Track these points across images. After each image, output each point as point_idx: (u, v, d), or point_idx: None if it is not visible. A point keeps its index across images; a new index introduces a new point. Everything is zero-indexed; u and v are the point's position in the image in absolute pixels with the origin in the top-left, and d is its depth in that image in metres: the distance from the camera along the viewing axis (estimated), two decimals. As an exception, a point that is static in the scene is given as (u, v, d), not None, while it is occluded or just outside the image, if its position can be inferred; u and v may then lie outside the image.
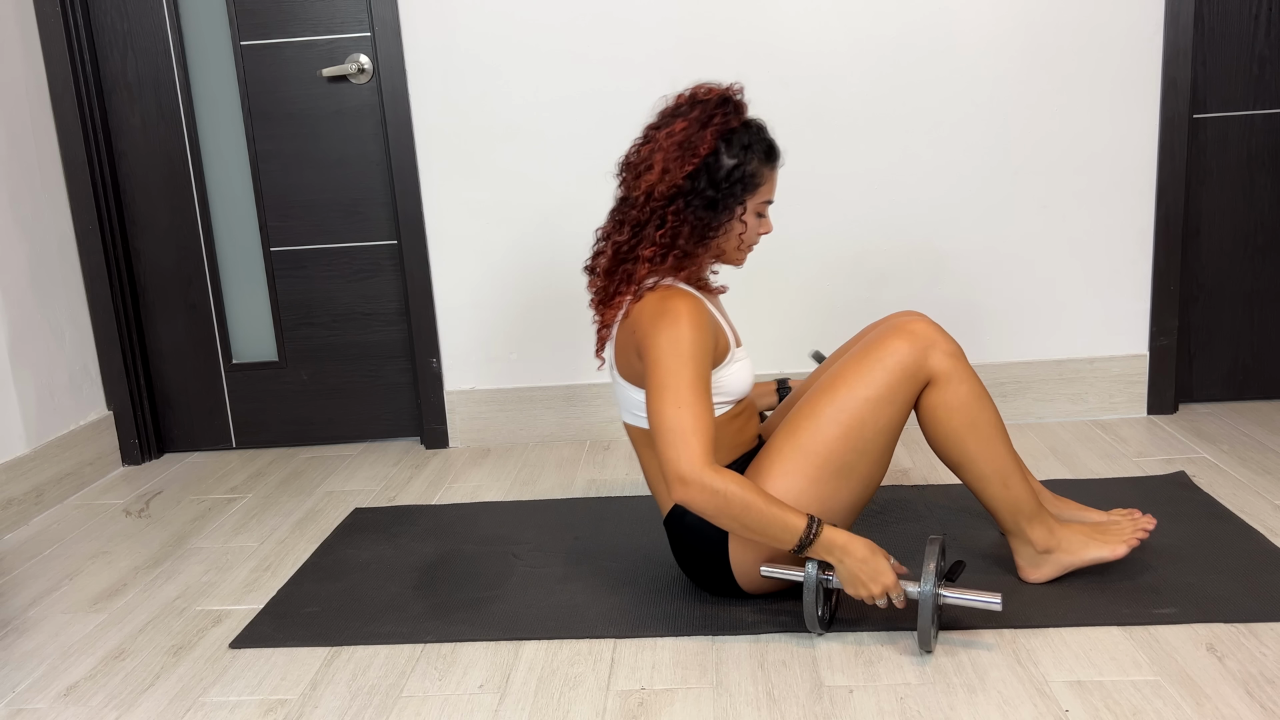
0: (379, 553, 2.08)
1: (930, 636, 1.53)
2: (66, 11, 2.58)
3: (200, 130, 2.71)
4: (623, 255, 1.66)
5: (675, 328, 1.55)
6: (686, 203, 1.60)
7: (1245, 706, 1.39)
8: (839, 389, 1.62)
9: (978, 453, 1.66)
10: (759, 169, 1.62)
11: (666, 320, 1.56)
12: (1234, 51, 2.50)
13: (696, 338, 1.55)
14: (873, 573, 1.54)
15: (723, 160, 1.60)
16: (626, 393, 1.70)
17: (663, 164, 1.60)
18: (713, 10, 2.49)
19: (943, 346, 1.63)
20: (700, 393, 1.53)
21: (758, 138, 1.63)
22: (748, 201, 1.64)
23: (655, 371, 1.55)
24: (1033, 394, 2.63)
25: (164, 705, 1.58)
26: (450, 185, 2.63)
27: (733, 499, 1.49)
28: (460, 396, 2.74)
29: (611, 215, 1.71)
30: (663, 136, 1.61)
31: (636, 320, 1.61)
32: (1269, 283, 2.61)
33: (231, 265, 2.79)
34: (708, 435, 1.52)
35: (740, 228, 1.65)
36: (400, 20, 2.54)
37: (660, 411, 1.52)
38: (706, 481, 1.49)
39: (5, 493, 2.36)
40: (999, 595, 1.53)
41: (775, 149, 1.66)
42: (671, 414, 1.51)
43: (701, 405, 1.52)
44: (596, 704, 1.50)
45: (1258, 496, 2.07)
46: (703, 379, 1.55)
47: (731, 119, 1.62)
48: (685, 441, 1.50)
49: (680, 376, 1.53)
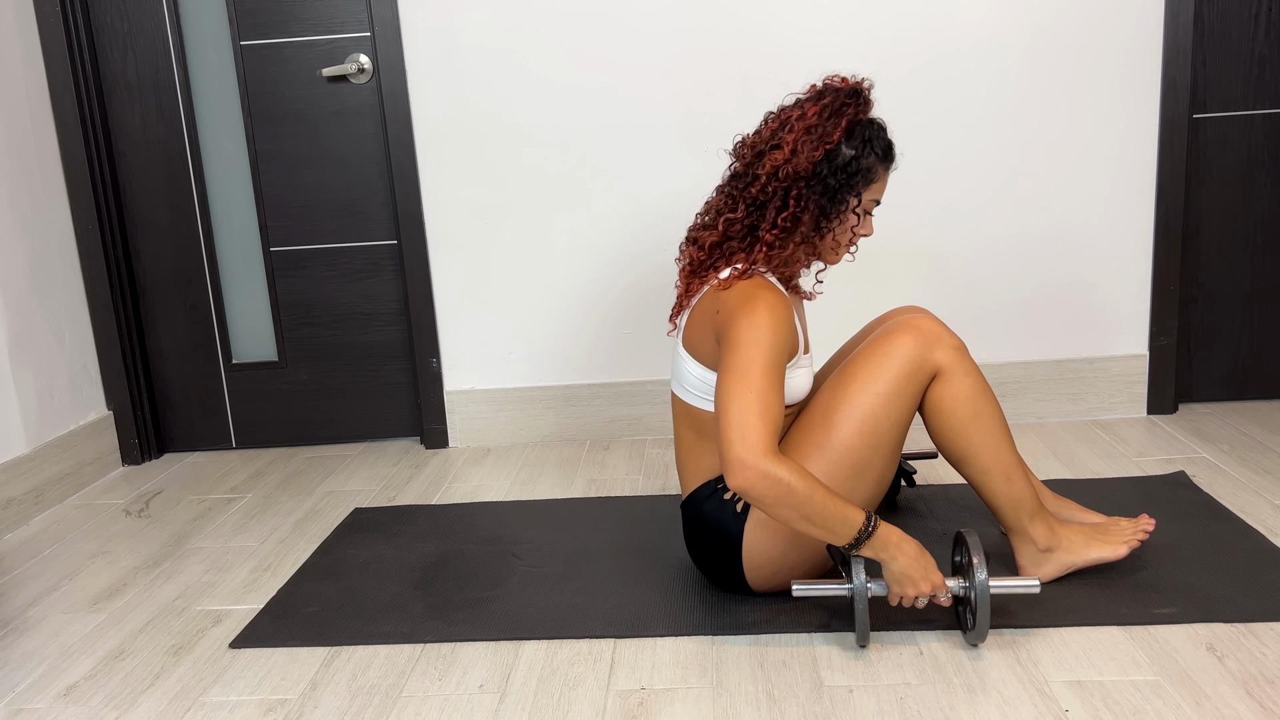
0: (379, 553, 2.08)
1: (987, 631, 1.52)
2: (66, 11, 2.58)
3: (200, 130, 2.71)
4: (733, 233, 1.65)
5: (761, 316, 1.55)
6: (809, 186, 1.60)
7: (1245, 706, 1.39)
8: (850, 386, 1.63)
9: (981, 445, 1.66)
10: (875, 165, 1.62)
11: (754, 307, 1.56)
12: (1234, 51, 2.50)
13: (779, 330, 1.55)
14: (924, 570, 1.54)
15: (844, 150, 1.60)
16: (687, 366, 1.69)
17: (792, 145, 1.59)
18: (714, 11, 2.49)
19: (947, 341, 1.65)
20: (774, 382, 1.52)
21: (878, 134, 1.63)
22: (862, 195, 1.63)
23: (733, 353, 1.54)
24: (1033, 394, 2.63)
25: (164, 705, 1.58)
26: (450, 185, 2.63)
27: (796, 490, 1.47)
28: (460, 396, 2.74)
29: (722, 191, 1.69)
30: (795, 118, 1.61)
31: (724, 302, 1.61)
32: (1269, 283, 2.61)
33: (231, 265, 2.79)
34: (775, 424, 1.50)
35: (852, 220, 1.64)
36: (400, 20, 2.54)
37: (730, 391, 1.51)
38: (769, 469, 1.47)
39: (5, 493, 2.36)
40: (1037, 578, 1.54)
41: (893, 150, 1.65)
42: (742, 396, 1.50)
43: (774, 394, 1.51)
44: (596, 704, 1.50)
45: (1258, 496, 2.07)
46: (778, 370, 1.54)
47: (861, 112, 1.62)
48: (752, 426, 1.48)
49: (757, 363, 1.52)
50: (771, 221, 1.62)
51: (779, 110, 1.66)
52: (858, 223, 1.65)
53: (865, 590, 1.53)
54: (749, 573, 1.69)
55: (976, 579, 1.50)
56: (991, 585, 1.55)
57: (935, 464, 2.37)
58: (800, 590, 1.59)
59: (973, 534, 1.56)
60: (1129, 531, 1.75)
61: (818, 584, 1.59)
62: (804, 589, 1.59)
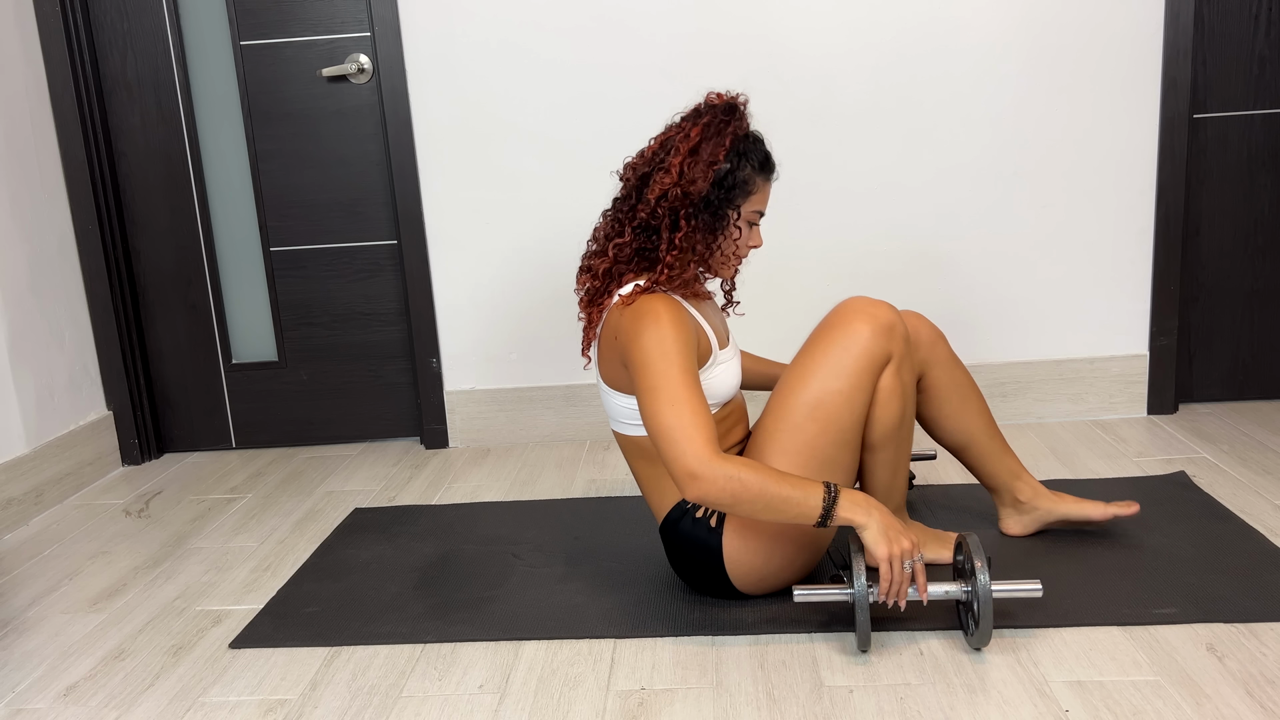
0: (379, 553, 2.08)
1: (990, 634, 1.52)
2: (66, 11, 2.58)
3: (200, 130, 2.71)
4: (622, 257, 1.66)
5: (656, 327, 1.55)
6: (695, 206, 1.61)
7: (1245, 706, 1.39)
8: (810, 383, 1.63)
9: (899, 435, 1.71)
10: (752, 177, 1.63)
11: (646, 321, 1.56)
12: (1234, 51, 2.50)
13: (678, 335, 1.56)
14: (898, 542, 1.49)
15: (723, 166, 1.61)
16: (613, 400, 1.71)
17: (679, 167, 1.60)
18: (714, 12, 2.49)
19: (900, 330, 1.67)
20: (692, 387, 1.53)
21: (754, 147, 1.64)
22: (741, 207, 1.64)
23: (644, 374, 1.55)
24: (1033, 394, 2.63)
25: (164, 705, 1.58)
26: (450, 185, 2.63)
27: (750, 483, 1.47)
28: (460, 396, 2.74)
29: (610, 217, 1.70)
30: (678, 140, 1.63)
31: (618, 327, 1.62)
32: (1269, 283, 2.61)
33: (231, 265, 2.79)
34: (709, 427, 1.51)
35: (736, 234, 1.66)
36: (400, 20, 2.54)
37: (656, 414, 1.52)
38: (718, 471, 1.47)
39: (5, 493, 2.36)
40: (1038, 581, 1.54)
41: (771, 161, 1.67)
42: (668, 413, 1.51)
43: (697, 400, 1.52)
44: (596, 704, 1.50)
45: (1258, 496, 2.07)
46: (692, 373, 1.55)
47: (739, 127, 1.63)
48: (688, 437, 1.49)
49: (669, 375, 1.53)
50: (669, 243, 1.62)
51: (663, 131, 1.67)
52: (740, 236, 1.66)
53: (867, 595, 1.53)
54: (737, 582, 1.70)
55: (979, 582, 1.50)
56: (994, 589, 1.55)
57: (935, 465, 2.37)
58: (801, 596, 1.59)
59: (973, 537, 1.56)
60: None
61: (819, 589, 1.59)
62: (805, 594, 1.59)
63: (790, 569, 1.69)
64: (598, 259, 1.70)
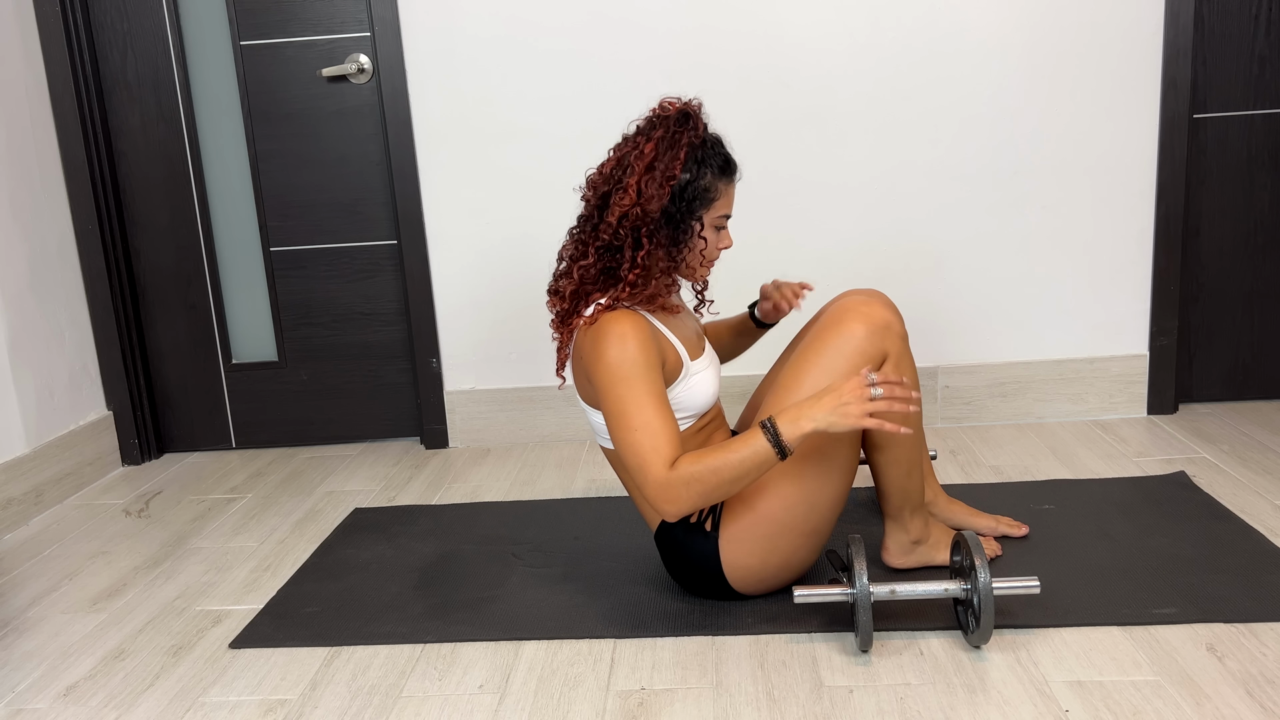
0: (379, 553, 2.08)
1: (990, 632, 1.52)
2: (66, 11, 2.58)
3: (200, 130, 2.71)
4: (588, 279, 1.64)
5: (620, 346, 1.55)
6: (656, 223, 1.59)
7: (1245, 706, 1.39)
8: (805, 383, 1.62)
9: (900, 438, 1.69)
10: (714, 183, 1.61)
11: (606, 343, 1.56)
12: (1234, 51, 2.50)
13: (639, 354, 1.55)
14: (850, 396, 1.47)
15: (681, 176, 1.59)
16: (593, 417, 1.71)
17: (636, 186, 1.58)
18: (714, 11, 2.49)
19: (896, 329, 1.65)
20: (651, 406, 1.54)
21: (713, 152, 1.61)
22: (704, 216, 1.62)
23: (606, 399, 1.56)
24: (1033, 394, 2.63)
25: (164, 705, 1.58)
26: (450, 185, 2.63)
27: (705, 476, 1.50)
28: (460, 396, 2.74)
29: (574, 236, 1.69)
30: (633, 158, 1.60)
31: (580, 349, 1.62)
32: (1269, 283, 2.61)
33: (231, 265, 2.79)
34: (668, 446, 1.52)
35: (700, 244, 1.64)
36: (400, 20, 2.54)
37: (621, 440, 1.55)
38: (675, 484, 1.50)
39: (5, 493, 2.36)
40: (1036, 578, 1.54)
41: (732, 163, 1.64)
42: (629, 440, 1.53)
43: (657, 419, 1.53)
44: (596, 704, 1.50)
45: (1258, 496, 2.07)
46: (653, 393, 1.55)
47: (693, 136, 1.60)
48: (650, 461, 1.52)
49: (627, 400, 1.54)
50: (631, 261, 1.60)
51: (619, 144, 1.65)
52: (706, 245, 1.64)
53: (868, 596, 1.53)
54: (735, 584, 1.70)
55: (980, 580, 1.50)
56: (994, 586, 1.55)
57: (935, 465, 2.37)
58: (801, 597, 1.59)
59: (972, 535, 1.56)
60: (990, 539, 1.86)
61: (819, 590, 1.59)
62: (805, 595, 1.59)
63: (788, 568, 1.69)
64: (564, 280, 1.69)
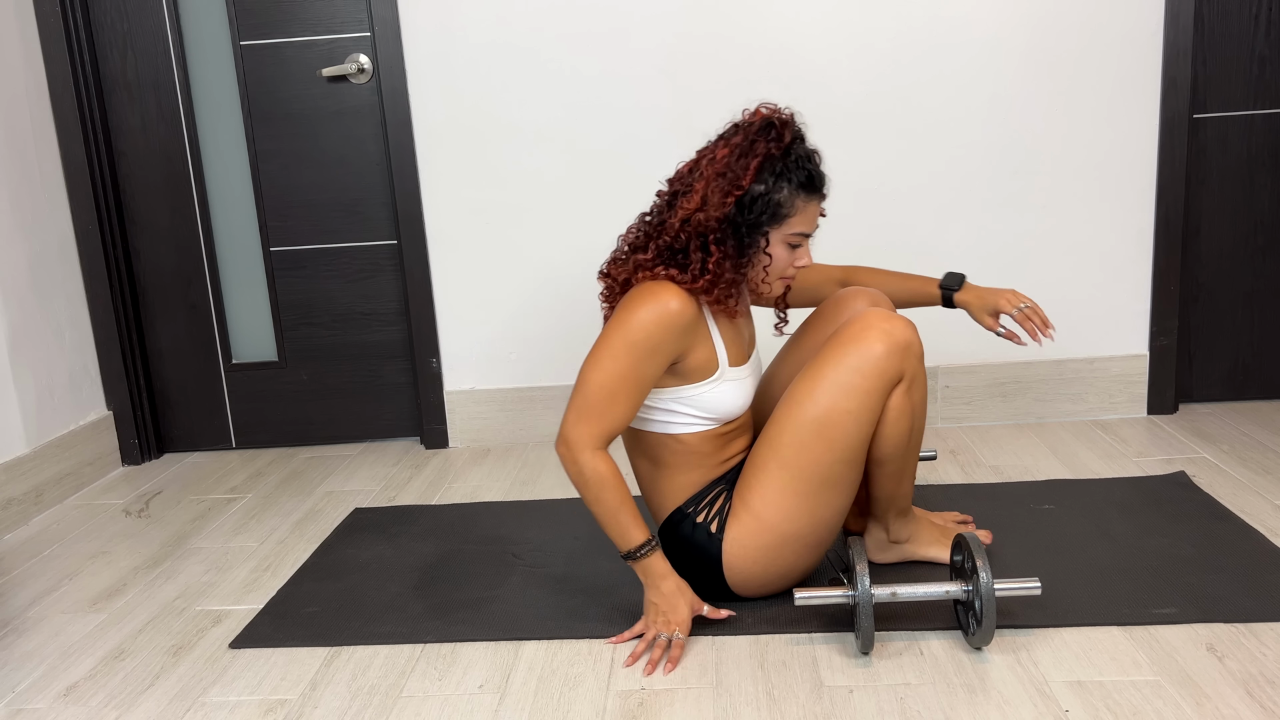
0: (379, 553, 2.08)
1: (992, 633, 1.52)
2: (66, 11, 2.58)
3: (200, 130, 2.71)
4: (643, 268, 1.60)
5: (643, 311, 1.54)
6: (723, 234, 1.55)
7: (1245, 706, 1.39)
8: (819, 399, 1.59)
9: (896, 447, 1.67)
10: (790, 199, 1.55)
11: (641, 303, 1.54)
12: (1234, 51, 2.50)
13: (655, 335, 1.54)
14: (670, 609, 1.60)
15: (753, 189, 1.54)
16: None
17: (703, 191, 1.55)
18: (714, 13, 2.49)
19: (915, 350, 1.62)
20: (629, 387, 1.54)
21: (796, 166, 1.55)
22: (772, 232, 1.57)
23: (604, 337, 1.56)
24: (1033, 394, 2.63)
25: (164, 705, 1.58)
26: (450, 185, 2.63)
27: (590, 484, 1.56)
28: (460, 396, 2.74)
29: (639, 228, 1.65)
30: (705, 163, 1.57)
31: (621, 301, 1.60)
32: (1269, 283, 2.61)
33: (231, 265, 2.79)
34: (611, 426, 1.56)
35: (764, 259, 1.59)
36: (400, 20, 2.54)
37: (586, 376, 1.55)
38: (580, 457, 1.55)
39: (5, 493, 2.36)
40: (1037, 579, 1.54)
41: (816, 180, 1.56)
42: (594, 383, 1.55)
43: (625, 399, 1.55)
44: (596, 704, 1.50)
45: (1258, 496, 2.07)
46: (639, 377, 1.55)
47: (774, 147, 1.54)
48: (588, 417, 1.55)
49: (619, 361, 1.54)
50: (701, 266, 1.56)
51: (702, 147, 1.62)
52: (772, 261, 1.59)
53: (870, 598, 1.52)
54: (735, 587, 1.70)
55: (981, 581, 1.50)
56: (995, 588, 1.55)
57: (935, 465, 2.37)
58: (802, 599, 1.59)
59: (973, 536, 1.56)
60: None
61: (820, 591, 1.58)
62: (806, 597, 1.58)
63: (789, 576, 1.69)
64: (618, 267, 1.66)
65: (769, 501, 1.61)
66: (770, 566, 1.66)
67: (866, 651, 1.56)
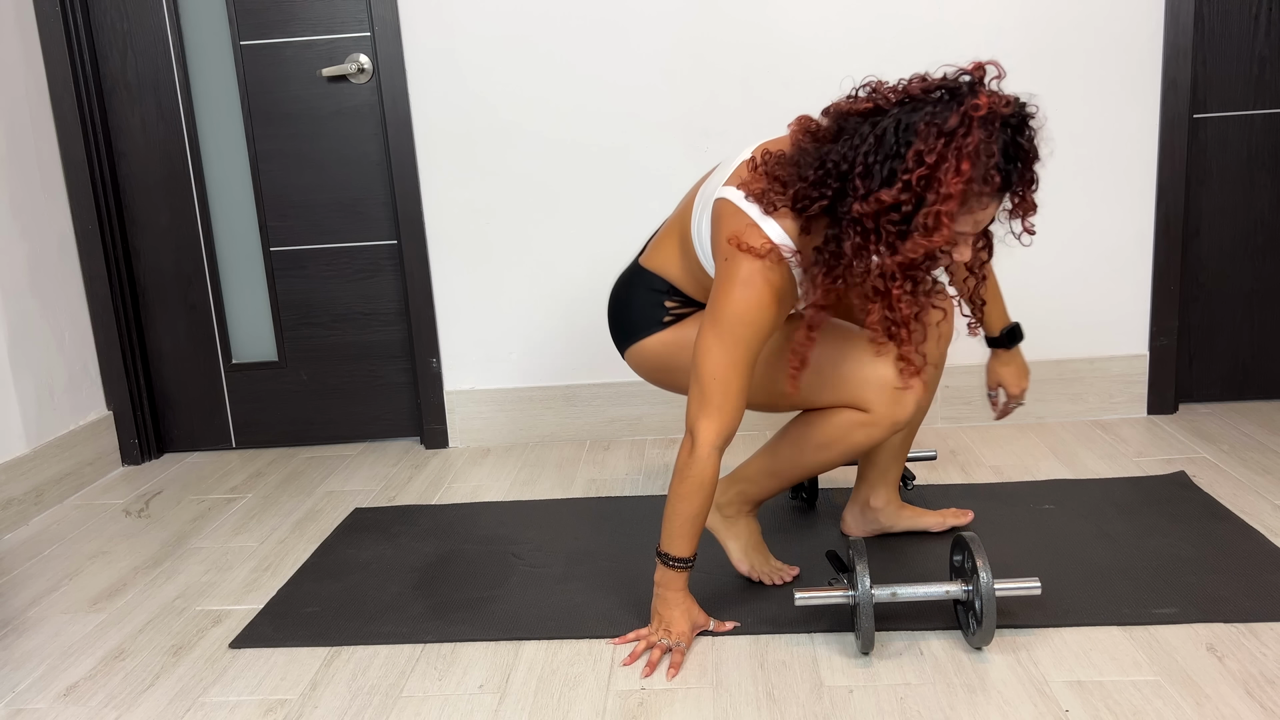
0: (379, 553, 2.08)
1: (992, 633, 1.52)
2: (66, 11, 2.58)
3: (200, 130, 2.71)
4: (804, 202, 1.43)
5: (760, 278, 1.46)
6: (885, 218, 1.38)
7: (1245, 706, 1.39)
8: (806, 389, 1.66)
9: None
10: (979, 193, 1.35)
11: (759, 269, 1.45)
12: (1234, 51, 2.50)
13: (773, 304, 1.49)
14: (671, 621, 1.61)
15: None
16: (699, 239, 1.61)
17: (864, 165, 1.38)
18: (715, 11, 2.49)
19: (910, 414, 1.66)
20: (743, 371, 1.51)
21: (986, 162, 1.32)
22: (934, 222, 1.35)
23: (716, 319, 1.49)
24: (1033, 394, 2.63)
25: (164, 705, 1.58)
26: (450, 185, 2.63)
27: (691, 480, 1.53)
28: (460, 396, 2.74)
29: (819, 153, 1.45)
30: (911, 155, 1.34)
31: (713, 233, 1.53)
32: (1269, 283, 2.61)
33: (231, 265, 2.79)
34: (734, 413, 1.52)
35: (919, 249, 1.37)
36: (400, 20, 2.54)
37: (700, 364, 1.51)
38: (701, 452, 1.52)
39: (5, 493, 2.36)
40: (1037, 579, 1.55)
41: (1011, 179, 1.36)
42: (707, 374, 1.50)
43: (740, 382, 1.51)
44: (596, 704, 1.50)
45: (1258, 496, 2.07)
46: (751, 359, 1.51)
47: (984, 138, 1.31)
48: (709, 409, 1.51)
49: (730, 351, 1.49)
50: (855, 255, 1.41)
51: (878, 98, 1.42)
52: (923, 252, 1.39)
53: (870, 599, 1.53)
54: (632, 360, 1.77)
55: (981, 581, 1.50)
56: (996, 588, 1.55)
57: (935, 465, 2.37)
58: (802, 599, 1.59)
59: (973, 536, 1.56)
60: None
61: (821, 592, 1.59)
62: (806, 597, 1.59)
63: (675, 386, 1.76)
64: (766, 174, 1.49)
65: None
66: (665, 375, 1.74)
67: (866, 651, 1.56)
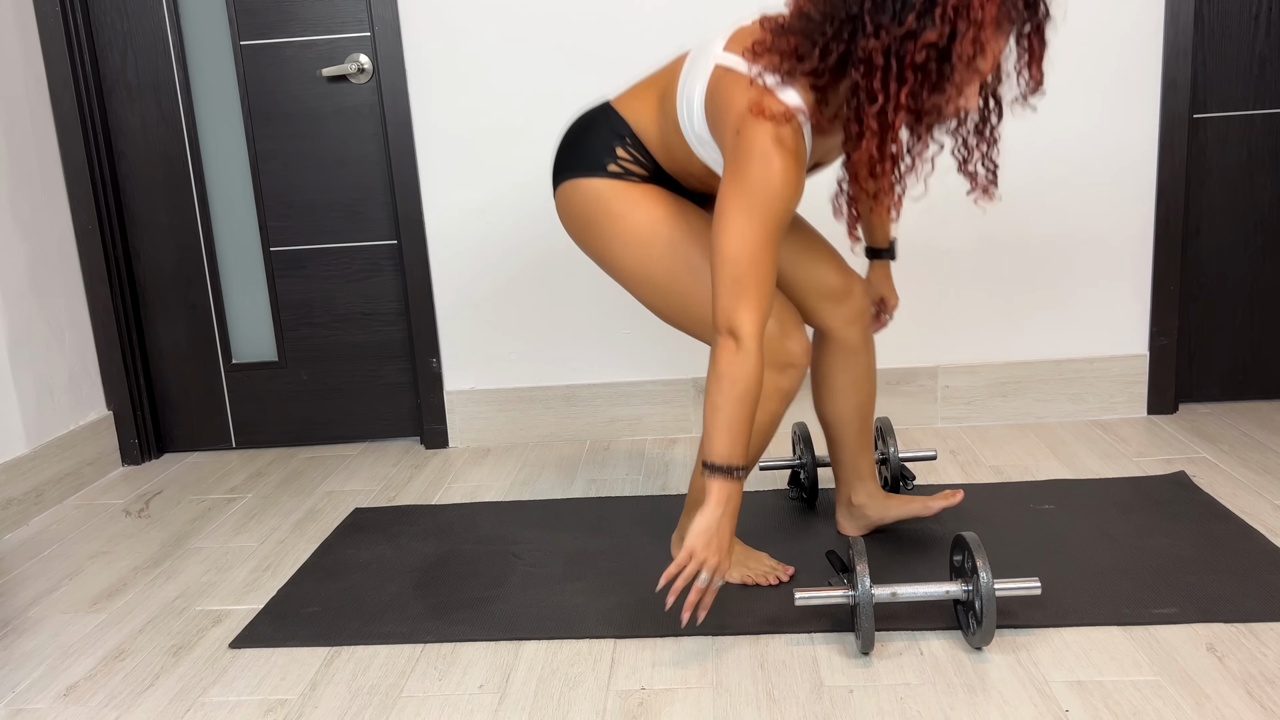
0: (379, 553, 2.08)
1: (992, 633, 1.52)
2: (66, 11, 2.58)
3: (200, 130, 2.71)
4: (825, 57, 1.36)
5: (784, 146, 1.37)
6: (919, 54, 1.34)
7: (1245, 706, 1.39)
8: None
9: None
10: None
11: (784, 135, 1.38)
12: (1234, 51, 2.50)
13: (799, 174, 1.41)
14: (719, 545, 1.49)
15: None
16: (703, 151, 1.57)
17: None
18: (716, 10, 2.49)
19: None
20: (772, 246, 1.41)
21: None
22: None
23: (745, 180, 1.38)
24: (1033, 394, 2.63)
25: (164, 705, 1.58)
26: (450, 185, 2.63)
27: (741, 382, 1.42)
28: (460, 396, 2.74)
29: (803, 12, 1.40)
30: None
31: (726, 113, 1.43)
32: (1269, 283, 2.61)
33: (231, 265, 2.79)
34: (769, 290, 1.43)
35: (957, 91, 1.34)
36: (400, 20, 2.54)
37: (734, 240, 1.40)
38: (749, 346, 1.41)
39: (5, 493, 2.36)
40: (1037, 578, 1.55)
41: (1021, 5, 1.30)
42: (752, 251, 1.40)
43: (770, 256, 1.41)
44: (596, 704, 1.50)
45: (1258, 496, 2.07)
46: (779, 233, 1.42)
47: None
48: (745, 294, 1.41)
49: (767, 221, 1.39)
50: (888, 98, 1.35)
51: None
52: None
53: (870, 599, 1.53)
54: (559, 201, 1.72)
55: (981, 581, 1.50)
56: (996, 587, 1.55)
57: (935, 465, 2.37)
58: (802, 599, 1.59)
59: (973, 535, 1.56)
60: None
61: (821, 592, 1.59)
62: (806, 597, 1.59)
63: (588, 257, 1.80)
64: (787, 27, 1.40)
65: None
66: (578, 232, 1.71)
67: (866, 651, 1.56)
